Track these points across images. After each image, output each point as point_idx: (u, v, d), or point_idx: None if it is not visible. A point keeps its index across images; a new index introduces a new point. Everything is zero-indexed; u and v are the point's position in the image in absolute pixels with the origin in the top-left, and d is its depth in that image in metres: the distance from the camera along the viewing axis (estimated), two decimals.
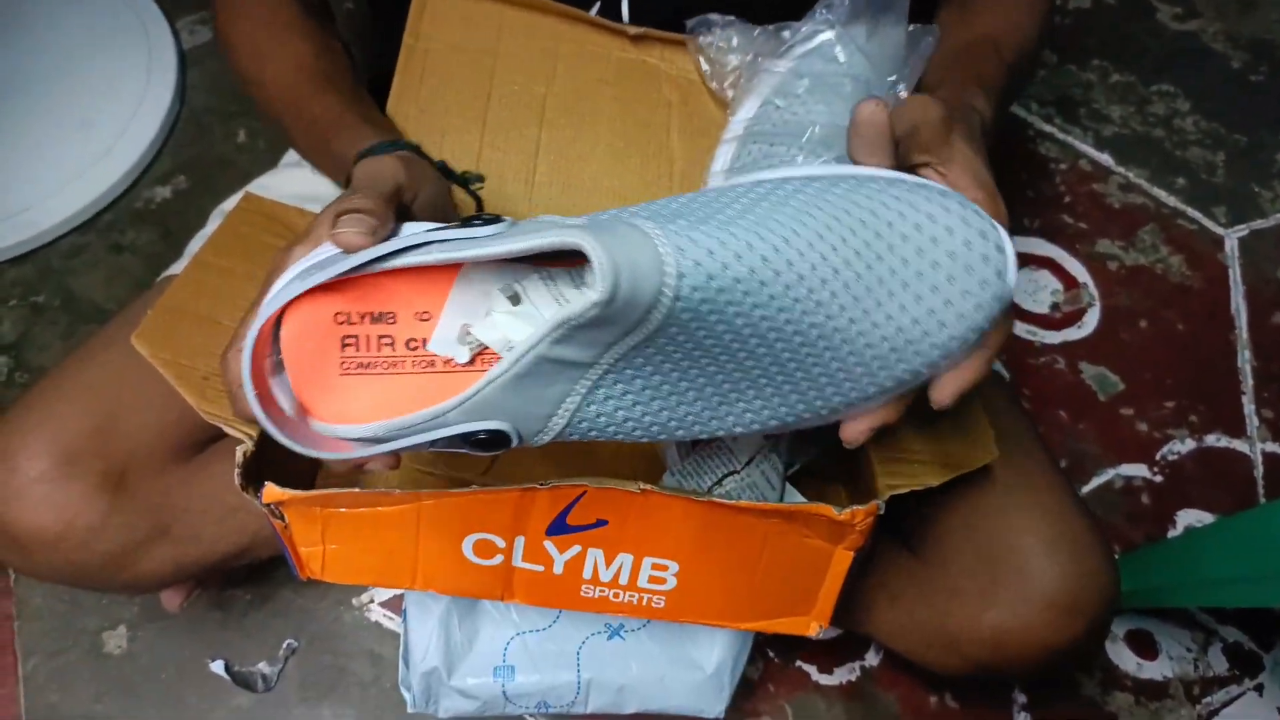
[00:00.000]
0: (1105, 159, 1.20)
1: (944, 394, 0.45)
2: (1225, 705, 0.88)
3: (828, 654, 0.87)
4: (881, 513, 0.51)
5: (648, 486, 0.48)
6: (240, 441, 0.47)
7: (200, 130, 1.16)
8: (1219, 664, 0.90)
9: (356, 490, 0.48)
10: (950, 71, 0.60)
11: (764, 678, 0.86)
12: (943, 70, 0.62)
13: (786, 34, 0.63)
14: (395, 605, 0.87)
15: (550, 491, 0.49)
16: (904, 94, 0.61)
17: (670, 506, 0.50)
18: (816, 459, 0.64)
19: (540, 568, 0.54)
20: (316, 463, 0.63)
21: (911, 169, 0.46)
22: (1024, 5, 0.67)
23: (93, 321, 1.01)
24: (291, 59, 0.66)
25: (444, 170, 0.63)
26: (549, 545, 0.52)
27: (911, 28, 0.62)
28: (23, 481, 0.59)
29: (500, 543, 0.52)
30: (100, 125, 1.11)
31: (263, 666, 0.85)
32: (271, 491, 0.47)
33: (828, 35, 0.63)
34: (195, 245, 0.70)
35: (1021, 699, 0.87)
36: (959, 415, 0.57)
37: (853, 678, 0.87)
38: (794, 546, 0.52)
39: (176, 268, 0.70)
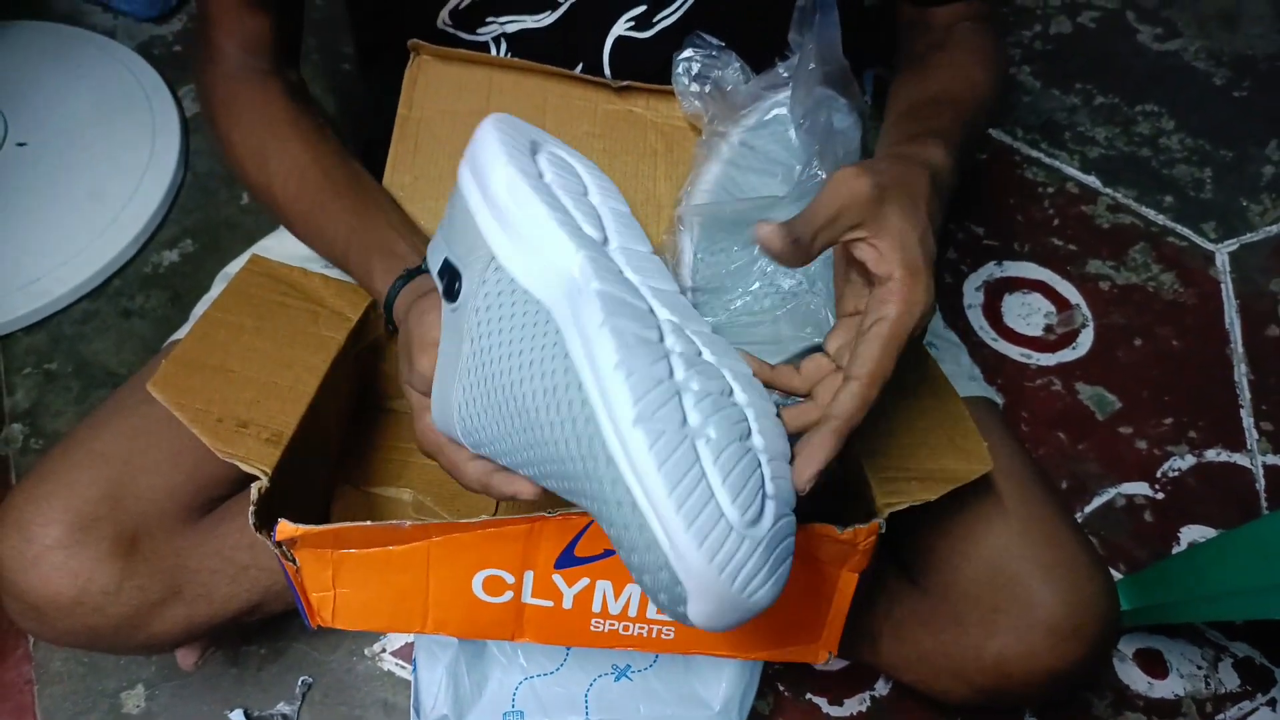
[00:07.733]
0: (1092, 181, 1.22)
1: (801, 479, 0.44)
2: None
3: (838, 685, 0.88)
4: (883, 531, 0.52)
5: None
6: (255, 480, 0.49)
7: (205, 194, 1.18)
8: (1230, 680, 0.89)
9: (368, 524, 0.49)
10: (902, 128, 0.60)
11: (774, 712, 0.86)
12: (895, 128, 0.62)
13: (752, 91, 0.65)
14: (407, 654, 0.88)
15: (558, 520, 0.50)
16: None
17: None
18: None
19: (550, 603, 0.54)
20: (328, 509, 0.65)
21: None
22: (979, 61, 0.68)
23: (105, 386, 1.03)
24: (293, 163, 0.66)
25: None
26: (558, 579, 0.53)
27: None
28: (38, 549, 0.61)
29: (510, 578, 0.53)
30: (108, 194, 1.14)
31: (281, 707, 0.85)
32: (285, 528, 0.49)
33: (782, 110, 0.65)
34: (200, 310, 0.72)
35: None
36: (951, 430, 0.58)
37: (863, 708, 0.87)
38: (798, 571, 0.53)
39: (182, 332, 0.72)
